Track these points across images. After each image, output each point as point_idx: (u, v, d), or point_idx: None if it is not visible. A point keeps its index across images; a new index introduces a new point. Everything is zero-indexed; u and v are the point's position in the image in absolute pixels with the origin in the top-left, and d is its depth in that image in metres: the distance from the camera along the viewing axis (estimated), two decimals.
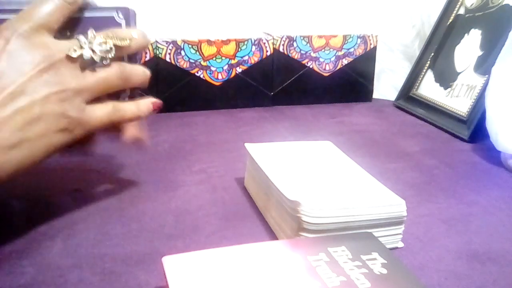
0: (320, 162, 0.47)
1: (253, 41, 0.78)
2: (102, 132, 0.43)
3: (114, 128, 0.43)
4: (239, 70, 0.79)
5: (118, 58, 0.41)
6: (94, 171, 0.54)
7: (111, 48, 0.40)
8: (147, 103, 0.44)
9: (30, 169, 0.37)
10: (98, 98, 0.40)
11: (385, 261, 0.33)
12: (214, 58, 0.77)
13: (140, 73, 0.43)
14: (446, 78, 0.78)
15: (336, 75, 0.85)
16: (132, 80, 0.42)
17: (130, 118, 0.43)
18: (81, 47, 0.38)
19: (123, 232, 0.42)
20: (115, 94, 0.42)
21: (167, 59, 0.74)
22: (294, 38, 0.80)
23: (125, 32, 0.42)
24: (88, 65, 0.39)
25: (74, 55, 0.38)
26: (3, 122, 0.35)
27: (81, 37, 0.39)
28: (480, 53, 0.73)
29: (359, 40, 0.84)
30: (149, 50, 0.73)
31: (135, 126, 0.45)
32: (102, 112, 0.40)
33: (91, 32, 0.39)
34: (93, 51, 0.39)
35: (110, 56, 0.40)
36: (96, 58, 0.39)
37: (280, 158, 0.47)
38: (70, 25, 0.41)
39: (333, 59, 0.83)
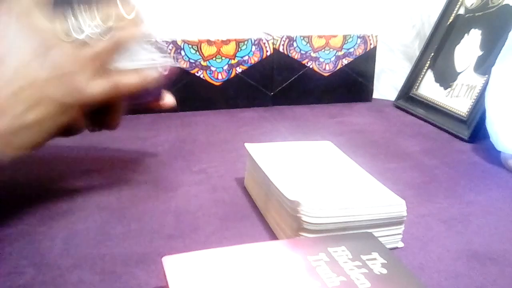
0: (320, 162, 0.47)
1: (253, 41, 0.78)
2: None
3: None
4: (239, 70, 0.79)
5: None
6: (93, 171, 0.54)
7: (102, 29, 0.39)
8: (152, 71, 0.43)
9: (31, 152, 0.38)
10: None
11: (385, 261, 0.33)
12: (214, 58, 0.77)
13: (131, 33, 0.42)
14: (446, 78, 0.78)
15: (336, 75, 0.85)
16: (126, 43, 0.41)
17: (134, 89, 0.42)
18: (72, 31, 0.38)
19: (123, 232, 0.42)
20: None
21: None
22: (294, 38, 0.80)
23: (120, 13, 0.41)
24: (83, 43, 0.38)
25: (69, 40, 0.38)
26: (3, 109, 0.35)
27: (72, 21, 0.38)
28: (480, 53, 0.73)
29: (359, 40, 0.84)
30: None
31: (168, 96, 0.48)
32: (101, 88, 0.40)
33: (85, 13, 0.39)
34: (84, 32, 0.38)
35: (101, 37, 0.39)
36: (88, 40, 0.39)
37: (280, 158, 0.47)
38: None
39: (333, 59, 0.83)
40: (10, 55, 0.36)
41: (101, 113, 0.44)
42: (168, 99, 0.49)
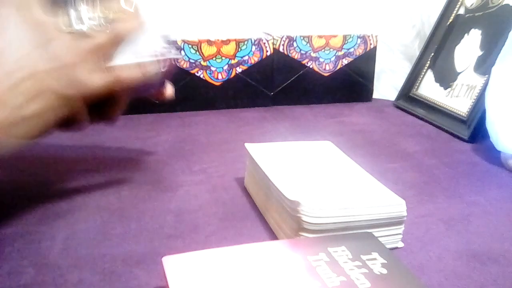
0: (320, 162, 0.47)
1: (253, 41, 0.78)
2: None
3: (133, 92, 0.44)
4: (239, 70, 0.79)
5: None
6: (93, 171, 0.54)
7: (102, 21, 0.39)
8: (154, 64, 0.43)
9: (29, 144, 0.38)
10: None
11: (385, 261, 0.33)
12: (214, 58, 0.77)
13: (130, 25, 0.42)
14: (446, 78, 0.78)
15: (336, 75, 0.85)
16: (127, 36, 0.41)
17: (135, 82, 0.42)
18: (73, 23, 0.38)
19: (123, 232, 0.42)
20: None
21: None
22: (294, 38, 0.80)
23: (120, 6, 0.41)
24: (81, 35, 0.38)
25: (69, 31, 0.38)
26: (2, 101, 0.35)
27: (72, 13, 0.38)
28: (480, 53, 0.73)
29: (359, 40, 0.84)
30: None
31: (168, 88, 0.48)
32: (101, 81, 0.40)
33: (85, 5, 0.39)
34: (84, 24, 0.38)
35: (101, 29, 0.39)
36: (88, 32, 0.39)
37: (280, 158, 0.47)
38: None
39: (333, 59, 0.83)
40: (10, 47, 0.36)
41: (101, 105, 0.43)
42: (168, 90, 0.49)
